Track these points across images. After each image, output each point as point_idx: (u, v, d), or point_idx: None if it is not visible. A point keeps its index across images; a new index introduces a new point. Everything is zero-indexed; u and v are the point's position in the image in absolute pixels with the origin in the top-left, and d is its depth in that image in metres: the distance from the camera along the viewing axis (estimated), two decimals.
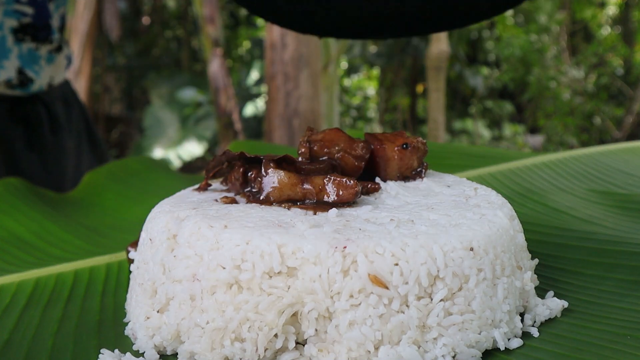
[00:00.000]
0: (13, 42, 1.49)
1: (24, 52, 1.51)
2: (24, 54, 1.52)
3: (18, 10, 1.47)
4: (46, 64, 1.59)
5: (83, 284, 0.93)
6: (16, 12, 1.47)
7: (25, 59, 1.52)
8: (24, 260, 1.04)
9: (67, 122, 1.72)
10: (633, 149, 1.58)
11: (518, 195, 1.28)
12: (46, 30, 1.54)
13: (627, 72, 8.96)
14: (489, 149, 2.35)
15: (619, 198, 1.25)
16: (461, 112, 9.20)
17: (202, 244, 0.68)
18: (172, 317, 0.70)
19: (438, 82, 6.22)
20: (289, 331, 0.65)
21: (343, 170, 0.82)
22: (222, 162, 0.85)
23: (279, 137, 4.52)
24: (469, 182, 0.88)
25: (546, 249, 0.98)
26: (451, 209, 0.75)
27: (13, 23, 1.47)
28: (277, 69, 4.45)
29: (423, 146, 0.87)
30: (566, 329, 0.73)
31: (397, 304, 0.64)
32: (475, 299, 0.67)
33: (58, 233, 1.16)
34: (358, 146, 0.84)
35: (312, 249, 0.64)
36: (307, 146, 0.84)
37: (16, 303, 0.87)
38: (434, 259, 0.65)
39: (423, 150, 0.87)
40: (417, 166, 0.87)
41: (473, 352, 0.66)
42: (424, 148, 0.87)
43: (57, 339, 0.76)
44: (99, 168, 1.50)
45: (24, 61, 1.52)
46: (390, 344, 0.64)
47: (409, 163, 0.85)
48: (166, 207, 0.79)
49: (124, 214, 1.28)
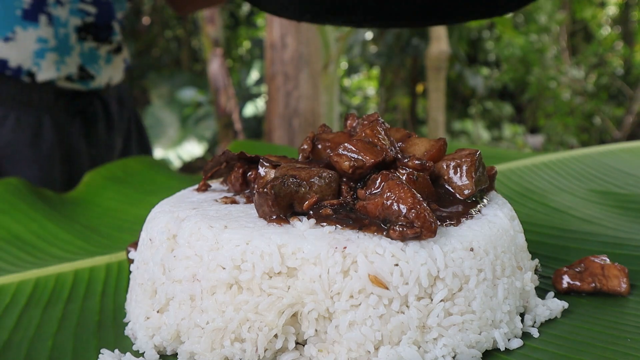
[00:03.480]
0: (76, 40, 1.55)
1: (85, 50, 1.58)
2: (85, 53, 1.58)
3: (82, 9, 1.53)
4: (105, 64, 1.65)
5: (83, 284, 0.93)
6: (81, 11, 1.53)
7: (86, 57, 1.58)
8: (24, 260, 1.04)
9: (120, 121, 1.78)
10: (633, 149, 1.58)
11: (518, 195, 1.28)
12: (107, 31, 1.61)
13: (627, 72, 8.96)
14: (489, 148, 2.35)
15: (619, 198, 1.25)
16: (461, 113, 9.20)
17: (202, 244, 0.68)
18: (172, 318, 0.70)
19: (438, 82, 6.21)
20: (289, 331, 0.65)
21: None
22: (220, 162, 0.85)
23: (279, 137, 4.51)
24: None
25: (546, 250, 0.98)
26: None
27: (77, 22, 1.54)
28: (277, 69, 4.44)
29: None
30: (566, 329, 0.73)
31: (397, 304, 0.63)
32: (475, 300, 0.67)
33: (58, 233, 1.16)
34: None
35: (312, 250, 0.64)
36: (311, 144, 0.82)
37: (16, 303, 0.87)
38: (434, 259, 0.65)
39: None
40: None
41: (473, 352, 0.66)
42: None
43: (57, 339, 0.76)
44: (98, 168, 1.50)
45: (84, 59, 1.58)
46: (390, 345, 0.64)
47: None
48: (166, 207, 0.79)
49: (124, 214, 1.28)
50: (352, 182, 0.72)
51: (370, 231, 0.65)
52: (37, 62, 1.49)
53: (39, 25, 1.46)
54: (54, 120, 1.57)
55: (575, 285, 0.82)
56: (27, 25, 1.44)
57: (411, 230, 0.63)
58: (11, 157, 1.52)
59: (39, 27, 1.46)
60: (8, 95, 1.50)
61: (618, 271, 0.81)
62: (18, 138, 1.52)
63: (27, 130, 1.53)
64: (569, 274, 0.83)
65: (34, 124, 1.54)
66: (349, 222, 0.67)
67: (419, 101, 9.12)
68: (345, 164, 0.71)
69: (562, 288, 0.82)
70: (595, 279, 0.81)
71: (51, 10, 1.47)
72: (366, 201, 0.67)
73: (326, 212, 0.68)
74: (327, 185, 0.70)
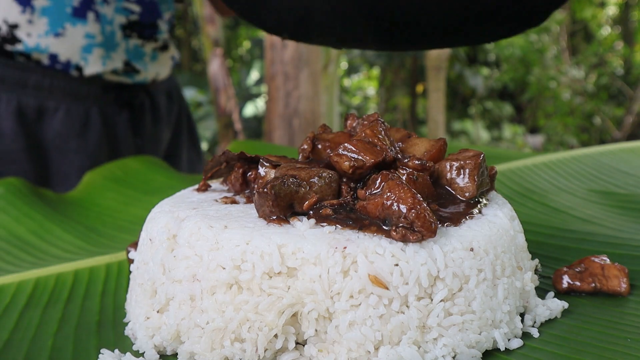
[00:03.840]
0: (121, 37, 1.61)
1: (130, 47, 1.64)
2: (131, 49, 1.64)
3: (127, 8, 1.60)
4: (150, 61, 1.71)
5: (83, 284, 0.93)
6: (125, 9, 1.60)
7: (131, 53, 1.64)
8: (24, 260, 1.04)
9: (168, 115, 1.85)
10: (633, 149, 1.58)
11: (518, 195, 1.28)
12: (152, 29, 1.66)
13: (627, 72, 8.96)
14: (489, 148, 2.34)
15: (619, 198, 1.25)
16: (461, 113, 9.20)
17: (202, 244, 0.68)
18: (172, 318, 0.70)
19: (438, 82, 6.21)
20: (289, 331, 0.65)
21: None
22: (220, 162, 0.85)
23: (279, 137, 4.51)
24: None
25: (546, 250, 0.98)
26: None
27: (122, 20, 1.60)
28: (277, 69, 4.44)
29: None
30: (566, 329, 0.73)
31: (397, 304, 0.63)
32: (475, 300, 0.67)
33: (58, 233, 1.16)
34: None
35: (312, 250, 0.64)
36: (311, 144, 0.82)
37: (16, 303, 0.87)
38: (434, 259, 0.65)
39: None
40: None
41: (473, 352, 0.66)
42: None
43: (57, 339, 0.76)
44: (99, 168, 1.50)
45: (130, 55, 1.64)
46: (390, 345, 0.64)
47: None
48: (166, 207, 0.79)
49: (124, 214, 1.28)
50: (352, 182, 0.72)
51: (370, 231, 0.65)
52: (85, 56, 1.56)
53: (87, 22, 1.54)
54: (101, 112, 1.64)
55: (575, 285, 0.82)
56: (76, 21, 1.52)
57: (413, 236, 0.63)
58: (60, 147, 1.60)
59: (87, 23, 1.54)
60: (58, 88, 1.57)
61: (618, 271, 0.81)
62: (67, 129, 1.60)
63: (76, 121, 1.60)
64: (569, 274, 0.83)
65: (83, 115, 1.61)
66: (349, 222, 0.67)
67: (419, 101, 9.12)
68: (345, 164, 0.71)
69: (562, 288, 0.82)
70: (595, 279, 0.81)
71: (98, 8, 1.54)
72: (366, 201, 0.67)
73: (326, 212, 0.68)
74: (327, 185, 0.70)
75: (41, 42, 1.51)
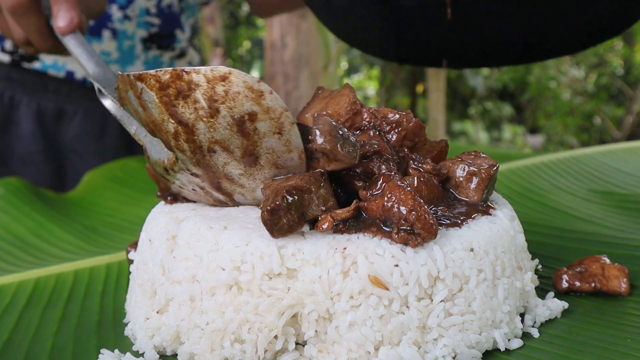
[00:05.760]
0: (142, 50, 1.63)
1: (149, 58, 1.65)
2: (150, 61, 1.66)
3: (148, 21, 1.61)
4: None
5: (83, 284, 0.93)
6: (146, 23, 1.61)
7: (150, 64, 1.66)
8: (24, 260, 1.04)
9: None
10: (633, 149, 1.58)
11: (518, 195, 1.28)
12: (170, 39, 1.67)
13: (627, 72, 8.96)
14: (489, 148, 2.35)
15: (619, 198, 1.25)
16: (461, 113, 9.20)
17: (201, 245, 0.68)
18: (171, 318, 0.70)
19: (438, 82, 6.21)
20: (289, 332, 0.65)
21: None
22: None
23: None
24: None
25: (546, 250, 0.98)
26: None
27: (143, 33, 1.61)
28: (277, 69, 4.45)
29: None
30: (566, 329, 0.73)
31: (397, 305, 0.63)
32: (475, 300, 0.67)
33: (58, 233, 1.16)
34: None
35: (312, 250, 0.64)
36: None
37: (16, 303, 0.87)
38: (434, 260, 0.65)
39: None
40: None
41: (473, 352, 0.66)
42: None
43: (57, 339, 0.76)
44: (98, 168, 1.50)
45: (148, 66, 1.66)
46: (391, 345, 0.64)
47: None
48: (165, 207, 0.79)
49: (124, 214, 1.28)
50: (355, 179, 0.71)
51: (370, 232, 0.65)
52: None
53: (102, 40, 1.55)
54: None
55: (575, 286, 0.82)
56: (91, 40, 1.53)
57: (413, 242, 0.63)
58: (78, 150, 1.62)
59: (102, 41, 1.55)
60: (77, 94, 1.60)
61: (618, 271, 0.81)
62: (85, 131, 1.62)
63: (94, 124, 1.62)
64: (569, 274, 0.83)
65: (101, 119, 1.63)
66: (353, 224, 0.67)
67: (419, 101, 9.12)
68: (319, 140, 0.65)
69: (562, 288, 0.82)
70: (595, 279, 0.81)
71: (117, 25, 1.55)
72: (367, 202, 0.67)
73: (338, 228, 0.67)
74: (324, 190, 0.68)
75: (58, 60, 1.53)
